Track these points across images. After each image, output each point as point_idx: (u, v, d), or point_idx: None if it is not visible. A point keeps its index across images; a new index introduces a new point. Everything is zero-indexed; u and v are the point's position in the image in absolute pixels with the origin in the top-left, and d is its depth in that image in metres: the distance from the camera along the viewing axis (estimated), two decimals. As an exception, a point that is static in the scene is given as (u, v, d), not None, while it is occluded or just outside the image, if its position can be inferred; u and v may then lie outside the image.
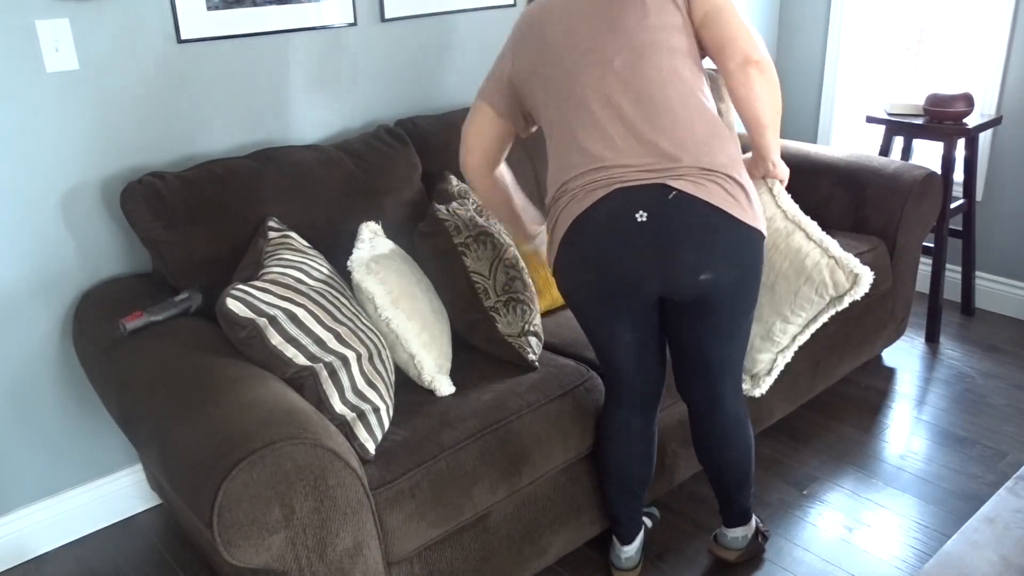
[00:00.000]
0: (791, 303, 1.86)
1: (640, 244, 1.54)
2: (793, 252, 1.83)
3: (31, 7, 1.85)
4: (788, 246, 1.84)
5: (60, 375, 2.11)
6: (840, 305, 1.83)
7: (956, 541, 1.30)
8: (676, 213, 1.52)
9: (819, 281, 1.81)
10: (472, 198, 2.17)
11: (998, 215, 3.15)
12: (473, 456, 1.70)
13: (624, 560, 1.97)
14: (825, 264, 1.80)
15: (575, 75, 1.62)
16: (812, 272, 1.81)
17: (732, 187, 1.56)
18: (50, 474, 2.17)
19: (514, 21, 1.87)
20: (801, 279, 1.82)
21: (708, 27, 1.61)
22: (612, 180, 1.56)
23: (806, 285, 1.82)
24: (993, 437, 2.48)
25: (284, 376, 1.61)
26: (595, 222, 1.57)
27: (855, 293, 1.80)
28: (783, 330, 1.90)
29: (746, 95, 1.60)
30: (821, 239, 1.82)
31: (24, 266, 1.99)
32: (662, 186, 1.53)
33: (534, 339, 1.96)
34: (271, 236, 1.88)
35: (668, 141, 1.55)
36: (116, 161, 2.05)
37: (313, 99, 2.35)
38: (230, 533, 1.32)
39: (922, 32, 3.31)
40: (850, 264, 1.79)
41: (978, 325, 3.15)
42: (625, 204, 1.54)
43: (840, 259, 1.80)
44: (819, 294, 1.83)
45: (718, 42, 1.61)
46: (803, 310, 1.86)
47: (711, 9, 1.61)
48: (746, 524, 1.97)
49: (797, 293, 1.84)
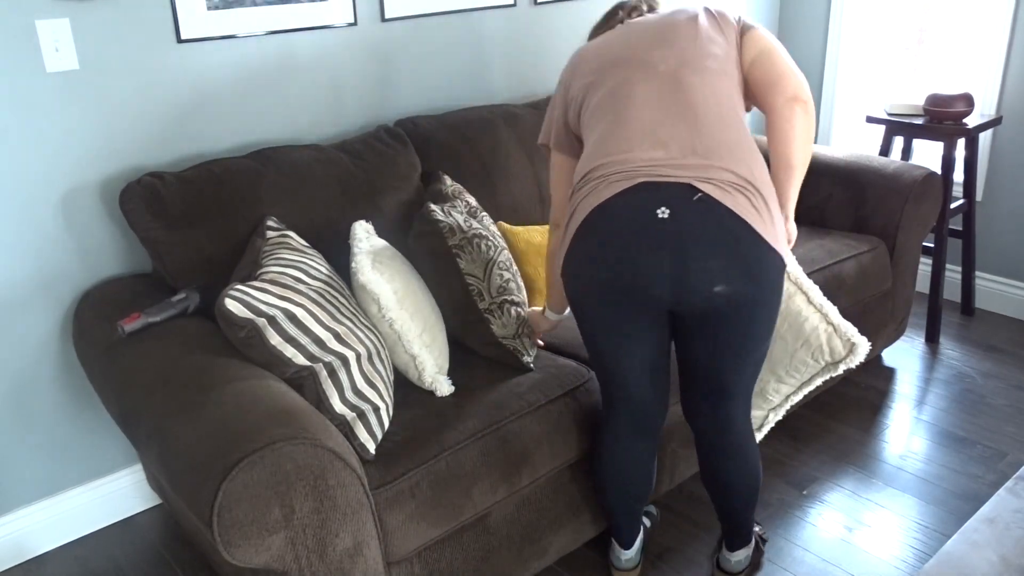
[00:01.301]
0: (787, 364, 1.88)
1: (657, 241, 1.49)
2: (793, 315, 1.85)
3: (31, 7, 1.85)
4: (788, 308, 1.85)
5: (60, 375, 2.11)
6: (835, 372, 1.86)
7: (956, 541, 1.30)
8: (699, 215, 1.48)
9: (816, 346, 1.83)
10: (465, 199, 2.17)
11: (998, 215, 3.15)
12: (473, 456, 1.70)
13: (624, 562, 1.97)
14: (823, 330, 1.82)
15: (622, 79, 1.65)
16: (810, 336, 1.83)
17: (759, 203, 1.52)
18: (50, 474, 2.17)
19: (568, 60, 1.96)
20: (799, 342, 1.84)
21: (759, 66, 1.65)
22: (637, 173, 1.52)
23: (803, 349, 1.84)
24: (993, 437, 2.48)
25: (284, 376, 1.61)
26: (613, 213, 1.52)
27: (850, 361, 1.83)
28: (776, 389, 1.92)
29: (786, 131, 1.61)
30: (821, 304, 1.84)
31: (24, 266, 1.99)
32: (689, 186, 1.49)
33: (528, 340, 1.96)
34: (269, 236, 1.88)
35: (702, 145, 1.53)
36: (115, 161, 2.05)
37: (313, 99, 2.35)
38: (230, 533, 1.32)
39: (922, 32, 3.31)
40: (848, 333, 1.82)
41: (978, 325, 3.15)
42: (648, 198, 1.50)
43: (838, 327, 1.82)
44: (815, 359, 1.85)
45: (769, 78, 1.63)
46: (798, 372, 1.88)
47: (763, 50, 1.66)
48: (748, 544, 1.95)
49: (793, 356, 1.86)
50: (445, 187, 2.19)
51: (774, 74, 1.63)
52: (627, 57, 1.67)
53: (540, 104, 2.62)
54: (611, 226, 1.52)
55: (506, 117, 2.50)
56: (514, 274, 2.00)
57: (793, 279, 1.86)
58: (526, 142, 2.49)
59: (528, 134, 2.50)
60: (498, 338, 1.93)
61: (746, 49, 1.67)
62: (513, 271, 2.00)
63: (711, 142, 1.54)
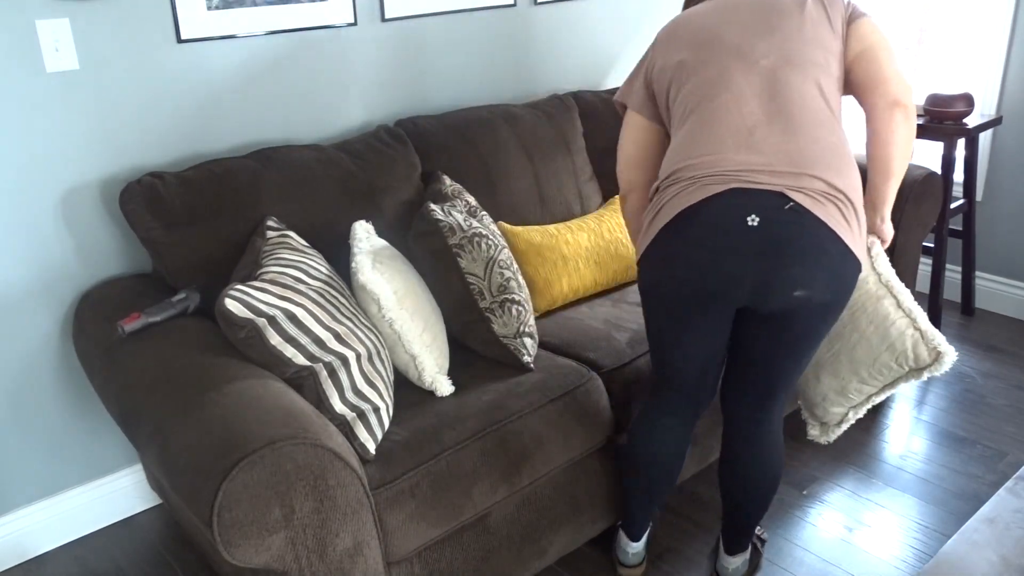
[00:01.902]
0: (869, 367, 1.82)
1: (744, 249, 1.48)
2: (880, 318, 1.79)
3: (31, 7, 1.85)
4: (876, 311, 1.80)
5: (60, 375, 2.11)
6: (919, 377, 1.80)
7: (956, 541, 1.30)
8: (788, 224, 1.47)
9: (900, 351, 1.78)
10: (465, 199, 2.17)
11: (998, 215, 3.15)
12: (473, 456, 1.70)
13: (632, 556, 1.97)
14: (910, 336, 1.77)
15: (719, 68, 1.60)
16: (896, 341, 1.78)
17: (849, 212, 1.51)
18: (50, 474, 2.17)
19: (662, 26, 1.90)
20: (883, 346, 1.79)
21: (862, 64, 1.61)
22: (729, 177, 1.50)
23: (887, 352, 1.79)
24: (993, 437, 2.48)
25: (284, 376, 1.61)
26: (704, 218, 1.51)
27: (935, 369, 1.77)
28: (859, 389, 1.87)
29: (887, 136, 1.59)
30: (911, 309, 1.78)
31: (24, 266, 1.99)
32: (780, 194, 1.48)
33: (529, 340, 1.96)
34: (269, 236, 1.88)
35: (797, 151, 1.51)
36: (116, 161, 2.05)
37: (313, 99, 2.35)
38: (230, 533, 1.32)
39: (922, 32, 3.31)
40: (935, 340, 1.76)
41: (978, 325, 3.15)
42: (739, 205, 1.48)
43: (926, 333, 1.76)
44: (899, 363, 1.79)
45: (872, 79, 1.59)
46: (880, 375, 1.83)
47: (870, 46, 1.60)
48: (745, 551, 1.94)
49: (877, 359, 1.81)
50: (445, 187, 2.19)
51: (878, 76, 1.59)
52: (727, 42, 1.61)
53: (540, 104, 2.63)
54: (700, 231, 1.51)
55: (506, 117, 2.50)
56: (515, 273, 2.00)
57: (884, 281, 1.81)
58: (526, 142, 2.49)
59: (528, 134, 2.50)
60: (499, 337, 1.93)
61: (852, 42, 1.61)
62: (514, 270, 2.00)
63: (806, 149, 1.51)
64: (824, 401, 1.91)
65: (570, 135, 2.61)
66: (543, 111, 2.59)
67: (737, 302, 1.56)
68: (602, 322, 2.17)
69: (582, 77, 2.99)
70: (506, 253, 2.02)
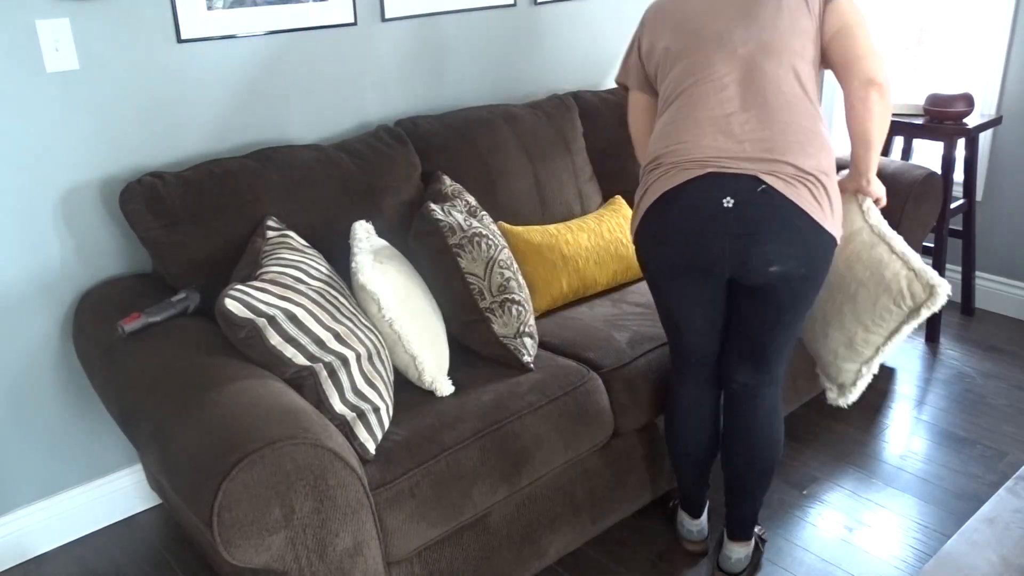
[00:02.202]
0: (871, 313, 1.90)
1: (719, 229, 1.62)
2: (875, 263, 1.88)
3: (31, 7, 1.85)
4: (871, 257, 1.88)
5: (60, 375, 2.11)
6: (918, 318, 1.86)
7: (956, 541, 1.30)
8: (761, 206, 1.59)
9: (896, 291, 1.85)
10: (465, 198, 2.17)
11: (998, 215, 3.15)
12: (473, 456, 1.70)
13: (696, 532, 2.05)
14: (904, 275, 1.84)
15: (700, 56, 1.71)
16: (891, 282, 1.85)
17: (820, 193, 1.62)
18: (50, 474, 2.17)
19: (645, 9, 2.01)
20: (880, 288, 1.87)
21: (837, 43, 1.69)
22: (707, 162, 1.63)
23: (884, 295, 1.87)
24: (993, 437, 2.48)
25: (284, 376, 1.61)
26: (682, 201, 1.65)
27: (931, 304, 1.83)
28: (865, 340, 1.93)
29: (863, 113, 1.68)
30: (904, 252, 1.86)
31: (24, 266, 1.99)
32: (754, 177, 1.60)
33: (529, 340, 1.96)
34: (270, 236, 1.88)
35: (770, 137, 1.62)
36: (116, 161, 2.05)
37: (313, 99, 2.35)
38: (230, 533, 1.32)
39: (922, 32, 3.31)
40: (927, 275, 1.83)
41: (978, 325, 3.15)
42: (714, 188, 1.61)
43: (919, 271, 1.84)
44: (897, 304, 1.86)
45: (846, 58, 1.67)
46: (884, 320, 1.90)
47: (845, 25, 1.68)
48: (749, 541, 1.96)
49: (876, 303, 1.88)
50: (445, 187, 2.19)
51: (852, 54, 1.66)
52: (708, 30, 1.71)
53: (540, 104, 2.63)
54: (681, 213, 1.65)
55: (506, 117, 2.50)
56: (515, 272, 2.00)
57: (876, 231, 1.90)
58: (526, 142, 2.49)
59: (528, 134, 2.50)
60: (499, 337, 1.93)
61: (828, 22, 1.69)
62: (514, 270, 2.00)
63: (780, 135, 1.62)
64: (836, 359, 1.98)
65: (570, 135, 2.61)
66: (543, 111, 2.59)
67: (723, 276, 1.69)
68: (602, 322, 2.17)
69: (582, 77, 2.99)
70: (506, 253, 2.02)
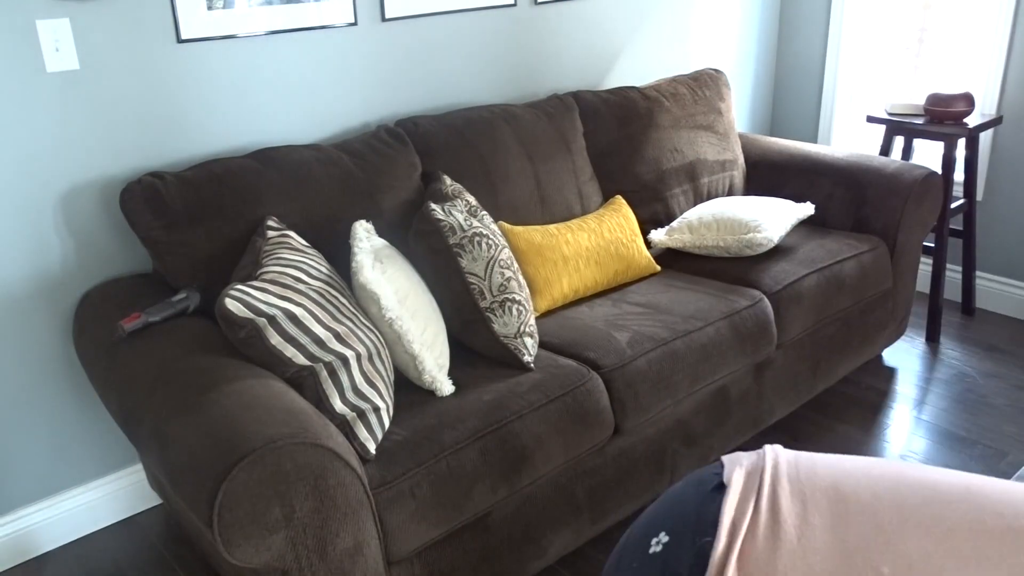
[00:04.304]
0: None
1: None
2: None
3: (31, 7, 1.85)
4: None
5: (60, 375, 2.11)
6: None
7: (956, 541, 1.30)
8: None
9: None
10: (465, 198, 2.17)
11: (998, 215, 3.15)
12: (473, 456, 1.70)
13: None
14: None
15: None
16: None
17: None
18: (51, 474, 2.17)
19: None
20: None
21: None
22: None
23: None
24: (993, 437, 2.47)
25: (284, 376, 1.61)
26: None
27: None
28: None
29: None
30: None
31: (24, 266, 1.99)
32: None
33: (529, 340, 1.96)
34: (270, 235, 1.88)
35: None
36: (116, 161, 2.05)
37: (313, 99, 2.35)
38: (230, 533, 1.32)
39: (922, 32, 3.31)
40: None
41: (978, 325, 3.15)
42: None
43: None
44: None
45: None
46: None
47: None
48: None
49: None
50: (445, 187, 2.19)
51: None
52: None
53: (540, 104, 2.62)
54: None
55: (506, 117, 2.50)
56: (515, 272, 2.00)
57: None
58: (526, 142, 2.49)
59: (528, 134, 2.50)
60: (499, 337, 1.93)
61: None
62: (514, 269, 2.00)
63: None
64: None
65: (570, 135, 2.61)
66: (543, 111, 2.59)
67: None
68: (602, 322, 2.17)
69: (582, 77, 2.99)
70: (506, 253, 2.02)
